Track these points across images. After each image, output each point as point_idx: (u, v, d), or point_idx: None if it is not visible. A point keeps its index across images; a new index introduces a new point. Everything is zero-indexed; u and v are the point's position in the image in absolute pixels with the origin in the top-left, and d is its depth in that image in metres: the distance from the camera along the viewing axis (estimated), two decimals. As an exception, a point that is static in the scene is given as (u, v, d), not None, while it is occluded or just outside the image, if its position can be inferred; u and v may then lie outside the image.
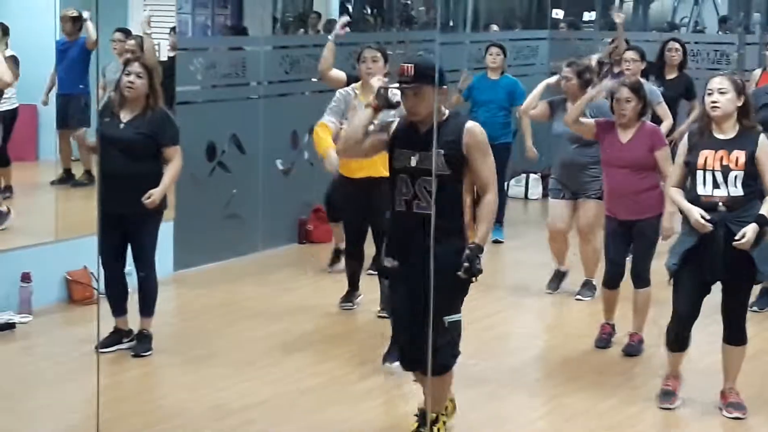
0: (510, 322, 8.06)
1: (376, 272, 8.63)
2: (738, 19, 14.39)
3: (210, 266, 9.59)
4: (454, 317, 5.54)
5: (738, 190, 6.08)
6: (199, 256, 9.53)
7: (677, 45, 10.68)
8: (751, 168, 6.07)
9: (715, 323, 6.50)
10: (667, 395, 6.50)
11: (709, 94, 6.17)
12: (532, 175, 12.84)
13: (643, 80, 9.19)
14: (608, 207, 7.39)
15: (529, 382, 7.04)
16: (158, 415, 6.31)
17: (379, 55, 7.98)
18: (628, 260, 7.48)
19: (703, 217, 6.06)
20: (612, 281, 7.46)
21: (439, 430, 5.77)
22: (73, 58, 9.29)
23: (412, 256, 5.47)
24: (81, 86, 9.29)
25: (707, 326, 6.72)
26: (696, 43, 13.18)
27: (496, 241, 10.43)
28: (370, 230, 7.97)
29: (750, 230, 5.99)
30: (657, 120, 9.04)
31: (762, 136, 6.14)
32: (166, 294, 8.89)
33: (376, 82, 5.99)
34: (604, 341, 7.55)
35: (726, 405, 6.39)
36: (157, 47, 9.48)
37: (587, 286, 8.67)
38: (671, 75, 10.56)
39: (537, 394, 6.85)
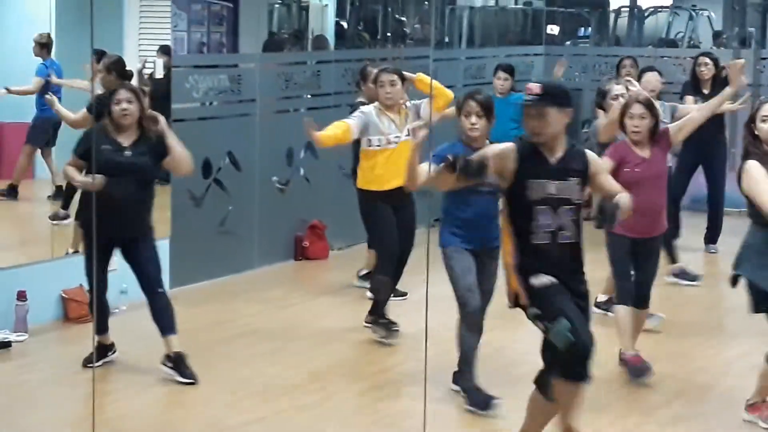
0: (504, 336, 8.04)
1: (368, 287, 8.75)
2: (732, 34, 14.43)
3: (206, 283, 9.59)
4: None
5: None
6: (194, 273, 9.52)
7: (707, 60, 10.82)
8: None
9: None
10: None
11: (763, 121, 6.20)
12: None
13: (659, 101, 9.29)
14: (626, 226, 6.88)
15: (525, 393, 7.02)
16: (154, 433, 6.31)
17: (396, 78, 8.01)
18: None
19: None
20: (636, 299, 7.31)
21: None
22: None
23: (568, 283, 5.42)
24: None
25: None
26: (691, 58, 13.20)
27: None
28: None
29: None
30: None
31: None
32: (162, 311, 8.90)
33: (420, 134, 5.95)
34: (642, 370, 7.31)
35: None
36: (152, 65, 9.49)
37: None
38: (706, 89, 10.64)
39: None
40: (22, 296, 7.99)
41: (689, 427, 6.51)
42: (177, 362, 7.14)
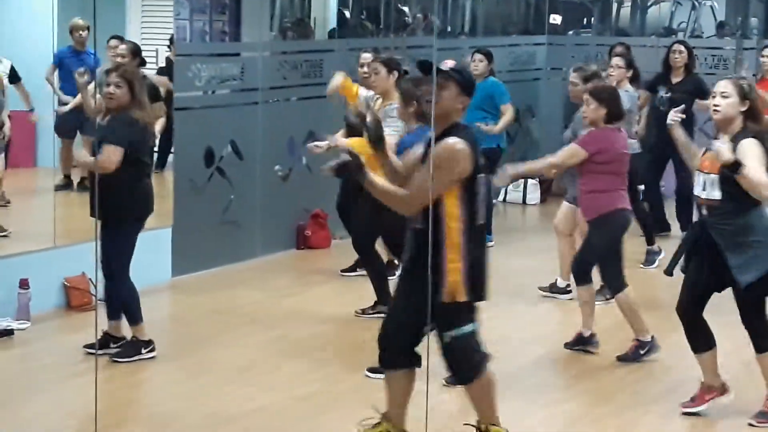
0: (505, 328, 8.05)
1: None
2: (735, 24, 14.41)
3: (208, 272, 9.59)
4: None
5: (716, 194, 6.10)
6: (196, 262, 9.53)
7: (681, 48, 10.76)
8: (732, 178, 6.00)
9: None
10: None
11: (713, 97, 6.23)
12: (530, 180, 12.83)
13: (630, 87, 9.35)
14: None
15: (525, 388, 7.04)
16: (155, 422, 6.32)
17: (379, 66, 8.08)
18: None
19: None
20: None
21: None
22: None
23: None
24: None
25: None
26: (694, 48, 13.21)
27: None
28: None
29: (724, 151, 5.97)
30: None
31: (746, 139, 6.06)
32: (164, 300, 8.93)
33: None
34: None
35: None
36: (154, 54, 9.50)
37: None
38: (677, 78, 10.63)
39: (534, 400, 6.84)
40: (24, 284, 7.99)
41: (690, 418, 6.52)
42: (124, 344, 7.30)
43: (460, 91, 5.51)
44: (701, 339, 6.44)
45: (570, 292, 8.74)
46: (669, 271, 6.45)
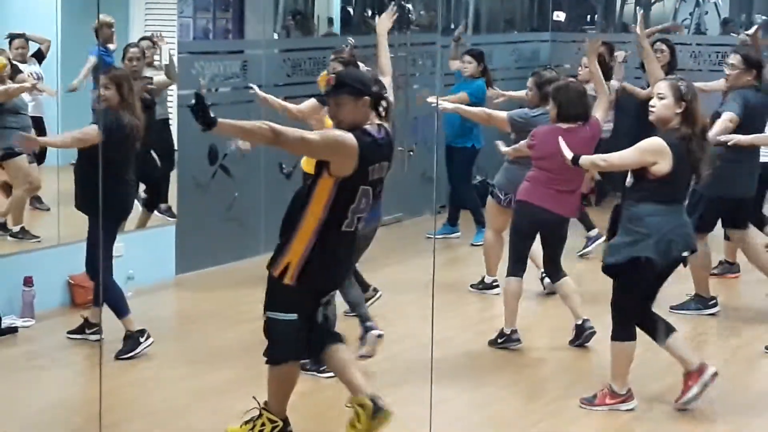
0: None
1: None
2: (740, 21, 14.39)
3: (212, 270, 9.60)
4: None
5: (630, 181, 6.36)
6: (200, 260, 9.54)
7: (663, 47, 10.74)
8: (640, 169, 6.27)
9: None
10: None
11: (652, 98, 6.42)
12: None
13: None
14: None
15: (529, 384, 7.05)
16: (160, 419, 6.33)
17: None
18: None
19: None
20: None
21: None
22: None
23: None
24: None
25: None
26: (698, 44, 13.19)
27: (474, 245, 10.54)
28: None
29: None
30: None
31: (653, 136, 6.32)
32: (168, 297, 8.94)
33: None
34: None
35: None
36: (158, 52, 9.50)
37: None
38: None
39: (538, 396, 6.85)
40: (28, 282, 8.01)
41: (696, 413, 6.52)
42: (124, 340, 7.32)
43: (354, 97, 5.57)
44: (655, 331, 6.57)
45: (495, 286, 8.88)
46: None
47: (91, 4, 7.18)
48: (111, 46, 9.17)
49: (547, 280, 8.51)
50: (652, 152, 6.22)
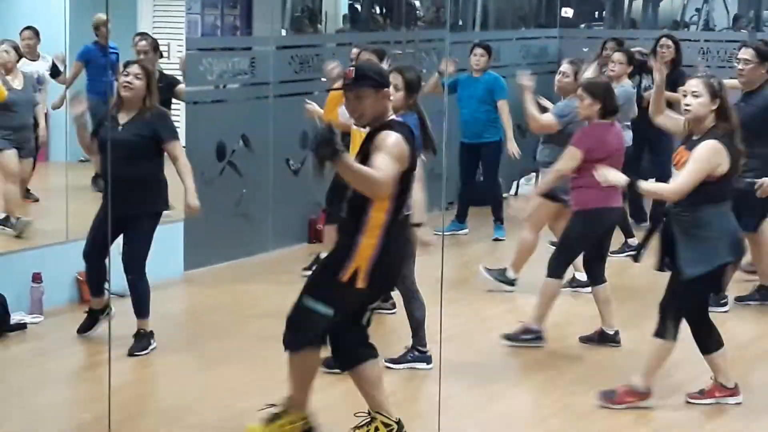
0: (516, 321, 8.04)
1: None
2: (748, 17, 14.36)
3: (220, 266, 9.61)
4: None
5: None
6: (209, 256, 9.54)
7: (669, 42, 10.72)
8: None
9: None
10: None
11: (684, 96, 6.27)
12: (542, 172, 12.76)
13: (628, 82, 9.38)
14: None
15: (538, 380, 7.04)
16: (170, 415, 6.33)
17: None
18: None
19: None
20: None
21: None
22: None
23: None
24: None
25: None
26: (706, 41, 13.17)
27: (497, 239, 10.58)
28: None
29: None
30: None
31: (704, 142, 6.13)
32: (177, 294, 8.94)
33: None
34: None
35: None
36: (166, 48, 9.50)
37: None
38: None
39: (547, 392, 6.84)
40: (37, 278, 8.01)
41: (705, 409, 6.51)
42: (136, 337, 7.27)
43: (375, 90, 5.43)
44: (708, 339, 6.49)
45: (514, 283, 8.82)
46: (636, 258, 6.62)
47: (100, 1, 7.18)
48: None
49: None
50: (715, 157, 6.11)
